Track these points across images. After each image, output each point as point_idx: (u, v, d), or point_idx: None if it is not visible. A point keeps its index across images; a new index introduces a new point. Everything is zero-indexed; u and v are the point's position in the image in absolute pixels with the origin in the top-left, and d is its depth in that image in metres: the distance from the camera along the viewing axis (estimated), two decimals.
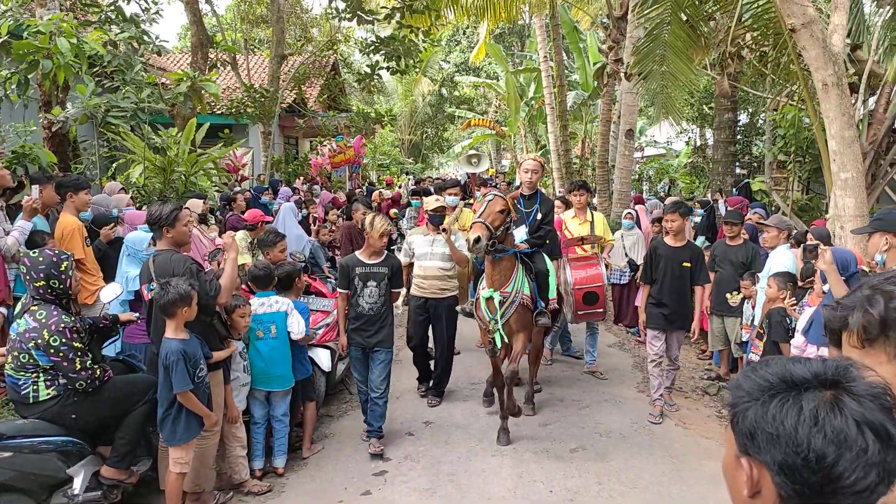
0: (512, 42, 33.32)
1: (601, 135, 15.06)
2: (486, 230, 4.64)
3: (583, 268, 6.25)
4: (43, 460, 3.54)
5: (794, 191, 11.15)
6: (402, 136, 34.47)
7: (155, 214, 4.08)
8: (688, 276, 5.58)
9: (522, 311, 5.05)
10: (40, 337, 3.50)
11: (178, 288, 3.68)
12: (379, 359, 4.99)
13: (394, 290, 5.12)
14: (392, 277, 5.04)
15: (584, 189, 7.02)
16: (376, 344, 4.96)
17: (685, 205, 5.78)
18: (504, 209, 4.80)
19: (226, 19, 19.73)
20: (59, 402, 3.62)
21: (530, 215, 5.52)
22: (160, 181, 7.72)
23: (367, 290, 4.95)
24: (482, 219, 4.71)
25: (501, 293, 4.97)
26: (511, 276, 5.01)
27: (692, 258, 5.60)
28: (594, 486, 4.48)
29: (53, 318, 3.55)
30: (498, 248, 4.87)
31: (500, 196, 4.86)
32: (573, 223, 6.90)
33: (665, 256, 5.62)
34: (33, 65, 5.35)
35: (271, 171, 13.72)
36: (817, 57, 6.10)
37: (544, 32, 18.95)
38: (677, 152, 20.06)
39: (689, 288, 5.62)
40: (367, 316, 4.95)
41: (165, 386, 3.72)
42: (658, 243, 5.79)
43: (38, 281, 3.61)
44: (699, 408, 6.06)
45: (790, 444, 1.00)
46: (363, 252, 5.07)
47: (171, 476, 3.80)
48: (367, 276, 4.96)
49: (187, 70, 7.59)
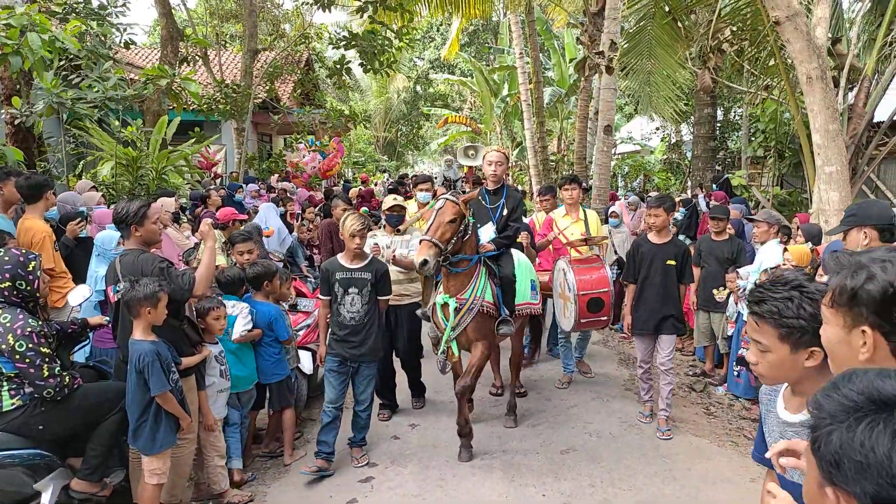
0: (486, 38, 33.28)
1: (579, 131, 15.00)
2: (432, 249, 4.21)
3: (587, 271, 5.63)
4: (8, 475, 3.32)
5: (773, 186, 11.20)
6: (377, 133, 34.21)
7: (122, 212, 3.84)
8: (673, 274, 5.20)
9: (482, 319, 4.62)
10: (4, 342, 3.28)
11: (146, 287, 3.47)
12: (363, 374, 4.61)
13: (380, 298, 4.65)
14: (377, 283, 4.57)
15: (576, 183, 6.44)
16: (359, 357, 4.54)
17: (670, 199, 5.37)
18: (455, 217, 4.33)
19: (196, 13, 19.30)
20: (25, 413, 3.39)
21: (496, 211, 5.06)
22: (129, 178, 7.45)
23: (349, 298, 4.50)
24: (428, 236, 4.26)
25: (457, 300, 4.57)
26: (469, 282, 4.59)
27: (677, 255, 5.23)
28: (587, 488, 4.37)
29: (19, 322, 3.33)
30: (453, 262, 4.47)
31: (450, 201, 4.39)
32: (565, 221, 6.35)
33: (649, 254, 5.24)
34: (2, 59, 5.07)
35: (245, 169, 13.42)
36: (801, 50, 6.08)
37: (519, 29, 18.90)
38: (652, 149, 20.13)
39: (675, 287, 5.22)
40: (348, 326, 4.51)
41: (138, 391, 3.49)
42: (641, 240, 5.43)
43: (3, 282, 3.38)
44: (686, 405, 5.98)
45: (883, 475, 0.87)
46: (344, 255, 4.64)
47: (148, 488, 3.58)
48: (348, 283, 4.51)
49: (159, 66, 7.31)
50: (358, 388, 4.65)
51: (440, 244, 4.25)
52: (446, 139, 31.09)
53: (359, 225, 4.47)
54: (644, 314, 5.21)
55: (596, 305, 5.53)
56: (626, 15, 9.52)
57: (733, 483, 4.50)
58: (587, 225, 6.18)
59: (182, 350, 3.83)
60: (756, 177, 13.03)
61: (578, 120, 15.25)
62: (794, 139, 10.28)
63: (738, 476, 4.60)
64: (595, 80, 13.78)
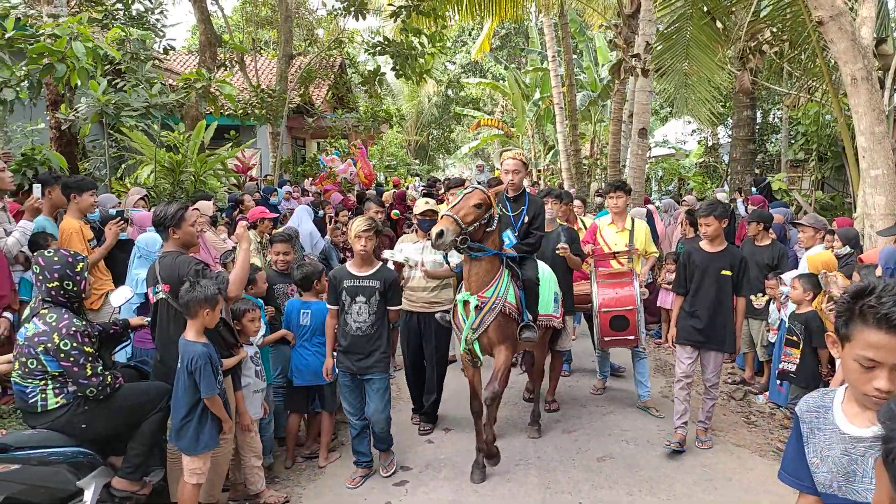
0: (518, 42, 33.19)
1: (613, 134, 14.87)
2: (453, 224, 4.05)
3: (611, 286, 5.36)
4: (52, 472, 3.37)
5: (815, 189, 10.93)
6: (409, 136, 34.34)
7: (160, 215, 3.91)
8: (727, 285, 4.79)
9: (504, 321, 4.41)
10: (50, 341, 3.34)
11: (206, 289, 3.53)
12: (374, 387, 4.37)
13: (389, 308, 4.43)
14: (386, 292, 4.34)
15: (622, 190, 5.99)
16: (367, 369, 4.32)
17: (721, 206, 4.98)
18: (481, 203, 4.18)
19: (232, 20, 19.61)
20: (69, 411, 3.45)
21: (518, 219, 4.88)
22: (170, 182, 7.58)
23: (356, 307, 4.29)
24: (451, 212, 4.12)
25: (479, 297, 4.34)
26: (493, 279, 4.38)
27: (733, 265, 4.82)
28: (625, 497, 4.29)
29: (64, 321, 3.40)
30: (472, 247, 4.26)
31: (479, 189, 4.26)
32: (609, 231, 5.96)
33: (700, 264, 4.87)
34: (48, 68, 5.20)
35: (280, 172, 13.58)
36: (846, 50, 5.91)
37: (552, 32, 18.82)
38: (688, 152, 19.83)
39: (728, 299, 4.82)
40: (355, 337, 4.30)
41: (187, 392, 3.55)
42: (692, 249, 5.05)
43: (51, 282, 3.45)
44: (726, 413, 5.86)
45: None
46: (353, 262, 4.44)
47: (187, 487, 3.63)
48: (356, 291, 4.30)
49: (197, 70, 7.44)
50: (369, 402, 4.41)
51: (461, 223, 4.08)
52: (477, 143, 31.06)
53: (364, 225, 4.30)
54: (694, 325, 4.87)
55: (620, 324, 5.27)
56: (662, 16, 9.38)
57: (776, 494, 4.38)
58: (632, 237, 5.83)
59: (219, 352, 3.87)
60: (796, 180, 12.75)
61: (612, 123, 15.12)
62: (837, 142, 10.02)
63: (781, 487, 4.43)
64: (630, 82, 13.65)
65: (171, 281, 3.75)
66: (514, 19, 18.81)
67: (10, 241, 4.73)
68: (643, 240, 5.89)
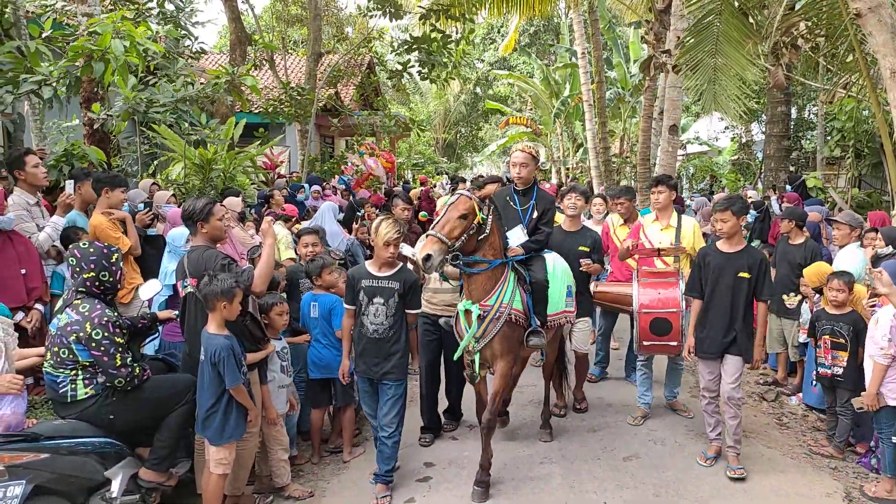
0: (547, 39, 32.99)
1: (643, 131, 14.66)
2: (437, 244, 3.81)
3: (654, 286, 4.95)
4: (81, 462, 3.43)
5: (852, 187, 10.67)
6: (437, 134, 34.35)
7: (189, 209, 3.96)
8: (745, 288, 4.41)
9: (510, 330, 4.19)
10: (82, 330, 3.41)
11: (223, 283, 3.57)
12: (388, 393, 4.17)
13: (408, 311, 4.25)
14: (405, 295, 4.18)
15: (665, 184, 5.54)
16: (384, 375, 4.15)
17: (739, 200, 4.59)
18: (467, 213, 3.93)
19: (263, 19, 19.82)
20: (98, 402, 3.51)
21: (526, 213, 4.62)
22: (200, 179, 7.67)
23: (373, 308, 4.13)
24: (436, 231, 3.87)
25: (481, 306, 4.12)
26: (496, 285, 4.17)
27: (751, 266, 4.41)
28: (651, 498, 4.23)
29: (97, 312, 3.47)
30: (466, 262, 4.06)
31: (464, 196, 4.01)
32: (653, 228, 5.56)
33: (716, 265, 4.50)
34: (87, 66, 5.28)
35: (308, 169, 13.69)
36: (885, 43, 5.74)
37: (581, 28, 18.66)
38: (721, 149, 19.51)
39: (747, 304, 4.43)
40: (372, 339, 4.15)
41: (212, 383, 3.59)
42: (708, 249, 4.70)
43: (88, 272, 3.54)
44: (757, 415, 5.74)
45: None
46: (373, 262, 4.27)
47: (213, 478, 3.67)
48: (374, 292, 4.14)
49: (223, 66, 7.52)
50: (382, 409, 4.20)
51: (447, 240, 3.85)
52: (505, 141, 30.96)
53: (394, 233, 4.11)
54: (709, 334, 4.51)
55: (661, 327, 4.86)
56: (693, 11, 9.19)
57: (807, 497, 4.29)
58: (679, 235, 5.40)
59: (243, 345, 3.90)
60: (832, 178, 12.45)
61: (643, 120, 14.92)
62: (875, 138, 9.76)
63: (812, 490, 4.38)
64: (661, 79, 13.46)
65: (197, 275, 3.79)
66: (542, 15, 18.71)
67: (41, 235, 4.83)
68: (691, 238, 5.43)
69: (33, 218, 4.98)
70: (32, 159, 4.98)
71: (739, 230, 4.52)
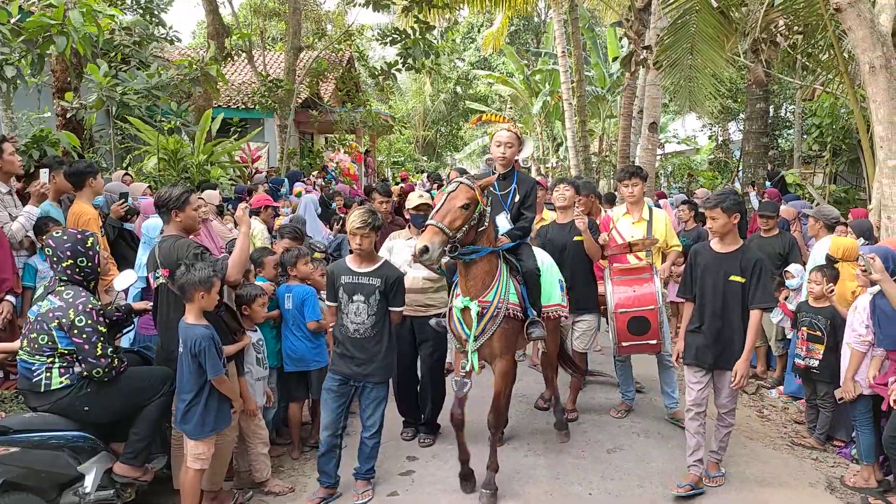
0: (527, 39, 33.08)
1: (622, 129, 14.75)
2: (438, 234, 3.58)
3: (629, 283, 4.72)
4: (52, 456, 3.32)
5: (829, 183, 10.82)
6: (417, 132, 34.25)
7: (164, 196, 3.85)
8: (736, 294, 4.00)
9: (509, 326, 3.98)
10: (65, 316, 3.33)
11: (200, 272, 3.47)
12: (370, 396, 4.00)
13: (391, 309, 4.03)
14: (387, 292, 3.96)
15: (638, 176, 5.32)
16: (365, 376, 3.96)
17: (732, 196, 4.16)
18: (468, 202, 3.70)
19: (240, 16, 19.59)
20: (72, 393, 3.40)
21: (507, 198, 4.38)
22: (175, 172, 7.54)
23: (353, 307, 3.91)
24: (435, 220, 3.64)
25: (479, 303, 3.90)
26: (492, 280, 3.93)
27: (745, 269, 4.00)
28: (636, 489, 4.21)
29: (82, 298, 3.40)
30: (464, 251, 3.80)
31: (465, 184, 3.76)
32: (625, 223, 5.32)
33: (707, 266, 4.13)
34: (47, 41, 5.12)
35: (287, 164, 13.54)
36: (864, 38, 5.80)
37: (562, 27, 18.71)
38: (699, 147, 19.70)
39: (739, 310, 4.03)
40: (352, 339, 3.94)
41: (193, 375, 3.50)
42: (700, 248, 4.32)
43: (66, 260, 3.44)
44: (738, 407, 5.69)
45: None
46: (353, 257, 4.04)
47: (190, 472, 3.57)
48: (354, 289, 3.92)
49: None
50: (364, 412, 4.07)
51: (448, 231, 3.61)
52: (486, 140, 30.96)
53: (358, 222, 3.86)
54: (698, 341, 4.13)
55: (639, 326, 4.63)
56: (670, 12, 9.23)
57: (791, 488, 4.31)
58: (650, 228, 5.17)
59: (221, 338, 3.80)
60: (808, 176, 12.60)
61: (622, 118, 15.00)
62: (851, 134, 9.89)
63: (795, 480, 4.40)
64: (640, 77, 13.53)
65: (169, 265, 3.69)
66: (523, 14, 18.76)
67: (14, 225, 4.68)
68: (663, 231, 5.25)
69: (6, 207, 4.82)
70: (9, 147, 4.81)
71: (733, 229, 4.11)
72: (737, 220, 4.06)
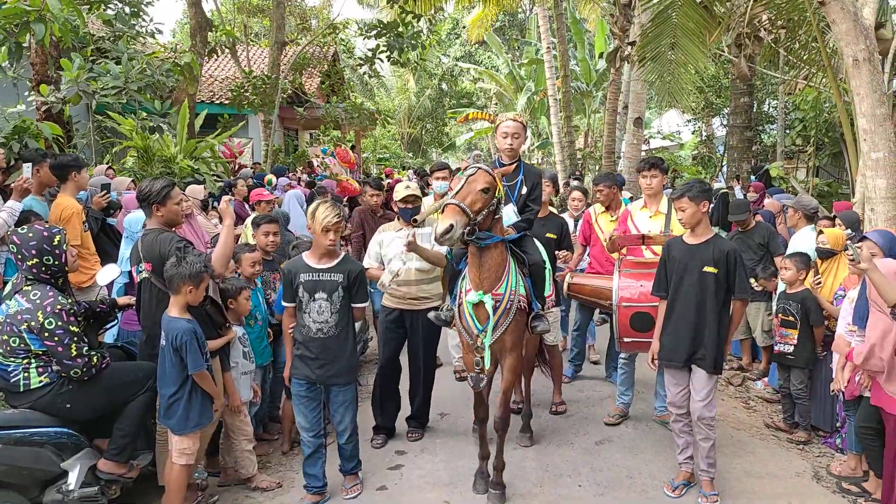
0: (512, 35, 33.06)
1: (608, 124, 14.80)
2: (461, 215, 3.45)
3: (637, 277, 4.45)
4: (35, 453, 3.26)
5: (812, 177, 10.92)
6: (402, 129, 34.13)
7: (145, 190, 3.78)
8: (713, 286, 3.82)
9: (520, 319, 3.89)
10: (34, 319, 3.22)
11: (191, 266, 3.42)
12: (338, 400, 3.84)
13: (354, 306, 3.84)
14: (350, 287, 3.77)
15: (658, 168, 5.05)
16: (330, 378, 3.78)
17: (698, 185, 3.97)
18: (488, 187, 3.60)
19: (223, 11, 19.40)
20: (53, 391, 3.33)
21: (514, 189, 4.26)
22: (154, 168, 7.44)
23: (316, 305, 3.70)
24: (457, 200, 3.51)
25: (493, 296, 3.75)
26: (504, 272, 3.81)
27: (718, 260, 3.82)
28: (625, 480, 4.22)
29: (49, 300, 3.28)
30: (481, 236, 3.68)
31: (484, 170, 3.66)
32: (642, 216, 5.08)
33: (679, 259, 3.95)
34: (24, 28, 5.01)
35: (272, 160, 13.43)
36: (848, 31, 5.83)
37: (547, 23, 18.72)
38: (683, 143, 19.82)
39: (718, 305, 3.85)
40: (315, 340, 3.73)
41: (174, 369, 3.45)
42: (673, 241, 4.12)
43: (30, 259, 3.33)
44: (724, 398, 5.79)
45: None
46: (312, 252, 3.84)
47: (176, 468, 3.52)
48: (315, 286, 3.71)
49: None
50: (335, 416, 3.90)
51: (469, 212, 3.49)
52: (471, 136, 30.92)
53: (333, 217, 3.67)
54: (674, 339, 3.95)
55: (643, 322, 4.36)
56: (652, 4, 9.24)
57: (778, 478, 4.33)
58: (668, 221, 4.86)
59: (205, 332, 3.75)
60: (791, 171, 12.70)
61: (607, 113, 15.05)
62: (834, 128, 9.98)
63: (782, 470, 4.42)
64: (625, 72, 13.58)
65: (152, 259, 3.64)
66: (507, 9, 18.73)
67: None
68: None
69: None
70: None
71: (703, 218, 3.93)
72: (706, 209, 3.91)
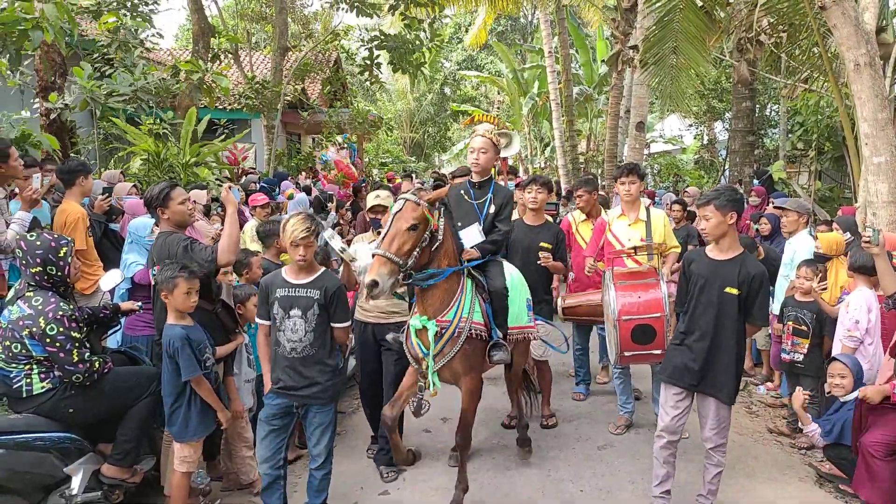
0: (514, 39, 33.15)
1: (610, 128, 14.83)
2: (386, 266, 3.27)
3: (633, 289, 4.18)
4: (38, 458, 3.27)
5: (815, 180, 10.92)
6: (404, 133, 34.20)
7: (147, 197, 3.88)
8: (732, 308, 3.50)
9: (471, 347, 3.66)
10: (35, 325, 3.23)
11: (163, 272, 3.47)
12: (314, 422, 3.53)
13: (334, 326, 3.51)
14: (328, 305, 3.45)
15: (635, 174, 4.90)
16: (306, 399, 3.48)
17: (728, 192, 3.61)
18: (417, 222, 3.38)
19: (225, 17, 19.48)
20: (55, 396, 3.34)
21: (482, 208, 4.02)
22: (160, 173, 7.48)
23: (290, 323, 3.42)
24: (382, 249, 3.32)
25: (438, 323, 3.58)
26: (452, 298, 3.62)
27: (743, 281, 3.47)
28: (627, 485, 4.22)
29: (51, 306, 3.29)
30: (419, 277, 3.51)
31: (410, 201, 3.43)
32: (620, 225, 4.94)
33: (700, 275, 3.62)
34: (22, 35, 5.05)
35: (275, 166, 13.47)
36: (849, 36, 5.85)
37: (549, 27, 18.78)
38: (685, 147, 19.82)
39: (732, 325, 3.53)
40: (289, 359, 3.44)
41: (172, 376, 3.47)
42: (695, 255, 3.79)
43: (34, 267, 3.34)
44: None
45: None
46: (290, 268, 3.58)
47: (177, 475, 3.54)
48: (290, 302, 3.44)
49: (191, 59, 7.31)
50: (310, 440, 3.59)
51: (397, 259, 3.31)
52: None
53: (302, 231, 3.37)
54: (681, 358, 3.64)
55: (644, 335, 4.10)
56: (655, 9, 9.28)
57: (780, 482, 4.32)
58: (649, 229, 4.76)
59: (217, 337, 3.78)
60: (793, 175, 12.71)
61: (609, 117, 15.07)
62: (836, 132, 9.98)
63: (784, 475, 4.42)
64: (627, 76, 13.60)
65: (162, 261, 3.66)
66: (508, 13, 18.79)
67: (9, 234, 4.58)
68: (662, 232, 4.83)
69: (2, 214, 4.74)
70: (14, 152, 4.67)
71: (730, 231, 3.56)
72: (733, 221, 3.53)
